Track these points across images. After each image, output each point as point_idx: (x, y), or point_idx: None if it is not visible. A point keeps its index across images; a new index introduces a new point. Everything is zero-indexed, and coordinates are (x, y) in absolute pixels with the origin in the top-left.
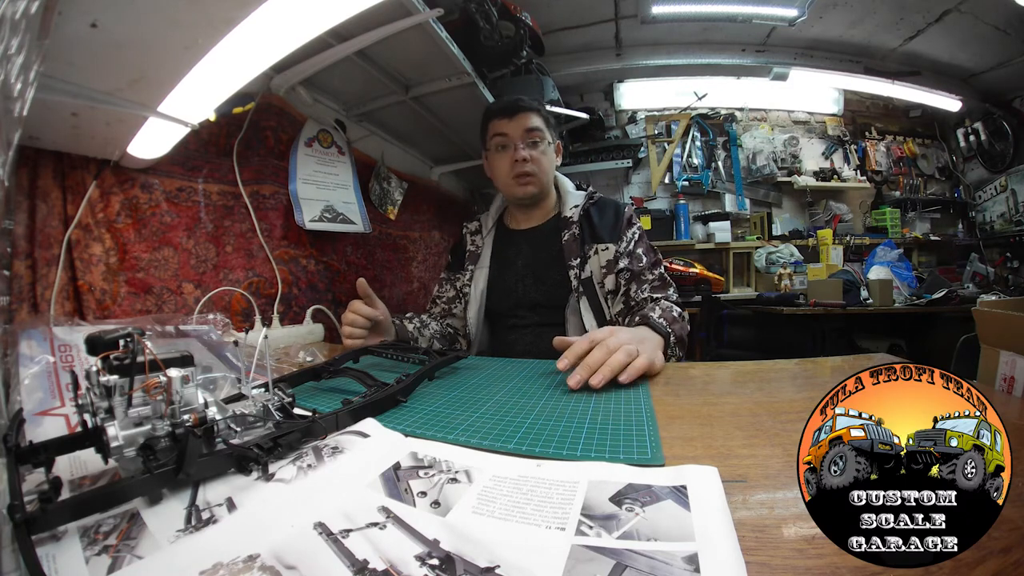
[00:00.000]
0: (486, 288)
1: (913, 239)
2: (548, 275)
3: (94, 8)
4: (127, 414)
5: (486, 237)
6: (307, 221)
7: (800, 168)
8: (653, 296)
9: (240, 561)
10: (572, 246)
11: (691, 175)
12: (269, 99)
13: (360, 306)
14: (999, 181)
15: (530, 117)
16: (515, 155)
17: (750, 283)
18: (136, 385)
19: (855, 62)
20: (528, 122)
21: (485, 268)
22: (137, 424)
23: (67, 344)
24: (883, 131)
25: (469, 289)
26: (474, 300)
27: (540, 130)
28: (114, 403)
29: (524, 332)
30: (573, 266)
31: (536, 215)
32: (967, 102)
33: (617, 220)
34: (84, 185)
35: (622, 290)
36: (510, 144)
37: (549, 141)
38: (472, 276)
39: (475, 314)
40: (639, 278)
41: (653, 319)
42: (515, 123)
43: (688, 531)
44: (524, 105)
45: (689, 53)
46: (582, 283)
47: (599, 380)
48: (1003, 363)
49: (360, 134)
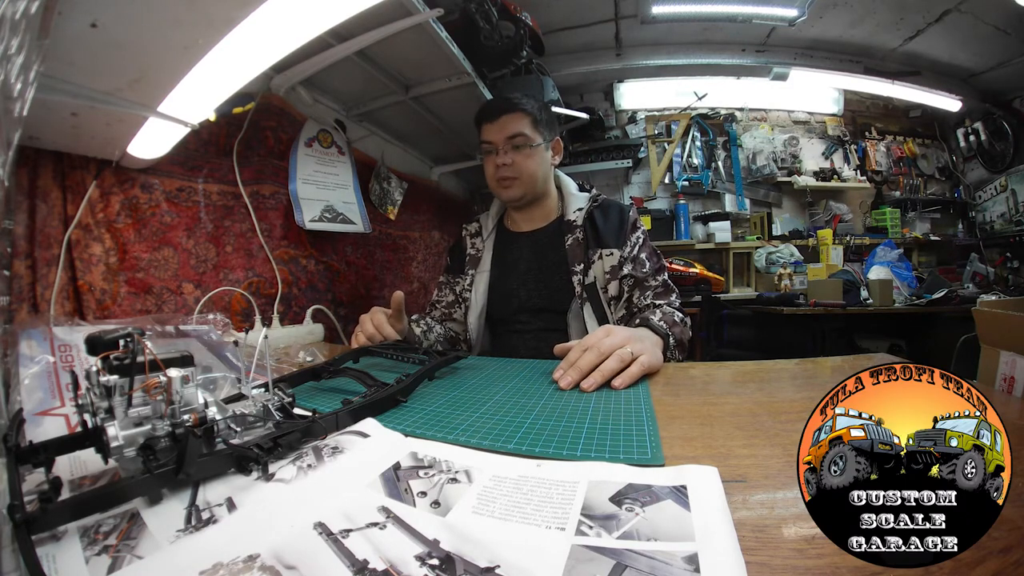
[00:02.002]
0: (487, 292)
1: (913, 239)
2: (551, 279)
3: (94, 8)
4: (127, 414)
5: (487, 240)
6: (307, 221)
7: (800, 168)
8: (656, 303)
9: (240, 561)
10: (576, 251)
11: (691, 175)
12: (269, 99)
13: (385, 325)
14: (999, 181)
15: (514, 119)
16: (496, 160)
17: (750, 283)
18: (136, 385)
19: (855, 62)
20: (511, 126)
21: (486, 272)
22: (137, 424)
23: (67, 344)
24: (883, 131)
25: (469, 294)
26: (475, 305)
27: (523, 134)
28: (114, 403)
29: (527, 337)
30: (576, 271)
31: (537, 217)
32: (967, 102)
33: (622, 224)
34: (84, 185)
35: (625, 296)
36: (493, 150)
37: (537, 142)
38: (472, 281)
39: (476, 319)
40: (642, 284)
41: (653, 321)
42: (497, 127)
43: (688, 531)
44: (508, 106)
45: (689, 53)
46: (585, 289)
47: (590, 385)
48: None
49: (360, 134)
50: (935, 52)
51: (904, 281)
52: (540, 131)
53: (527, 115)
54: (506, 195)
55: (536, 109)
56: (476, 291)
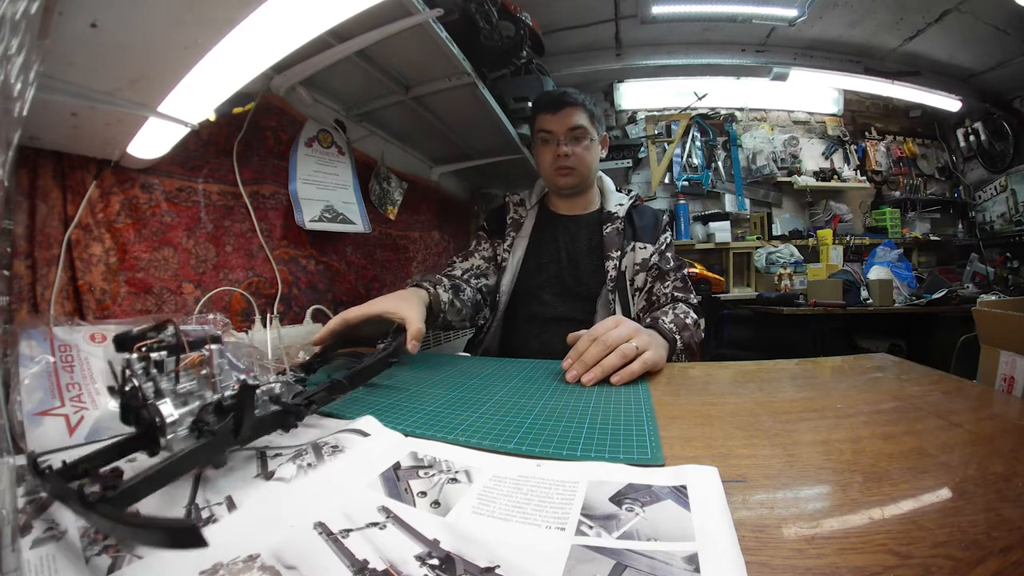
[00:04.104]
0: (523, 258)
1: (913, 239)
2: (582, 261)
3: (94, 8)
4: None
5: (530, 211)
6: (307, 221)
7: (800, 168)
8: (675, 295)
9: (240, 561)
10: (614, 238)
11: (691, 175)
12: (269, 99)
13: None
14: (999, 181)
15: (574, 113)
16: (557, 150)
17: (750, 283)
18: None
19: (855, 62)
20: (572, 119)
21: (526, 239)
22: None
23: (67, 344)
24: (883, 131)
25: (508, 255)
26: (511, 268)
27: (583, 127)
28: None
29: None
30: (613, 257)
31: (578, 205)
32: (967, 102)
33: (656, 224)
34: (84, 185)
35: (647, 287)
36: (552, 140)
37: (593, 137)
38: (513, 243)
39: (509, 283)
40: (664, 276)
41: (663, 323)
42: (559, 119)
43: (688, 531)
44: (569, 100)
45: (689, 53)
46: (618, 276)
47: (589, 380)
48: (1003, 363)
49: (360, 134)
50: (935, 52)
51: (904, 281)
52: (595, 126)
53: (586, 110)
54: (563, 182)
55: (592, 105)
56: (514, 255)
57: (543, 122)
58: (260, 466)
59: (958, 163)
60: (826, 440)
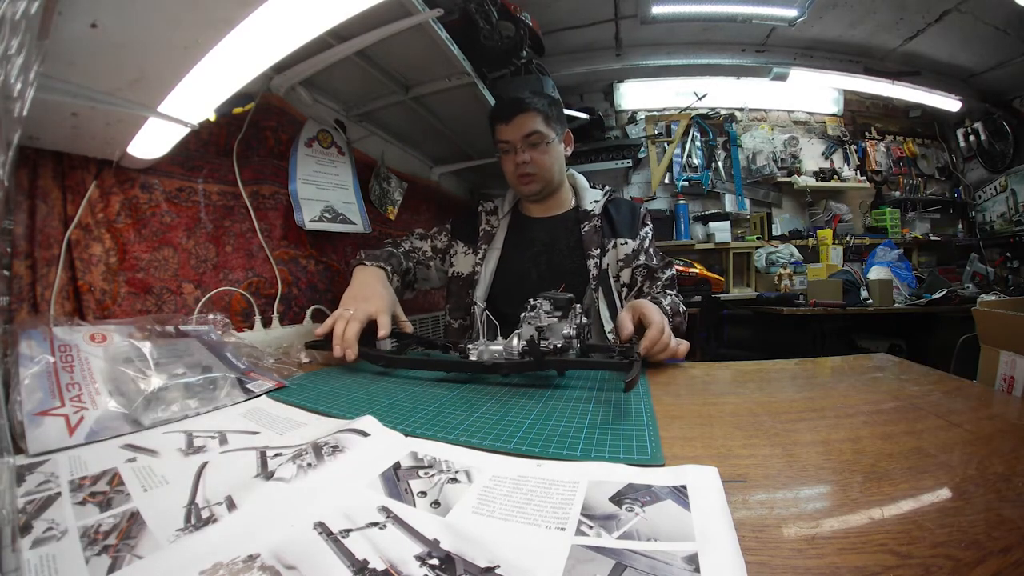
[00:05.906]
0: (495, 271)
1: (913, 239)
2: (563, 262)
3: (94, 8)
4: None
5: (502, 220)
6: (307, 221)
7: (800, 168)
8: (666, 292)
9: (240, 561)
10: (593, 237)
11: (691, 175)
12: (269, 99)
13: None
14: (999, 181)
15: (527, 119)
16: (516, 158)
17: (750, 283)
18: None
19: (855, 62)
20: (525, 126)
21: (497, 250)
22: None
23: (67, 344)
24: (883, 131)
25: (480, 269)
26: (483, 280)
27: (538, 132)
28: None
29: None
30: (593, 255)
31: (552, 206)
32: (967, 102)
33: (634, 218)
34: (84, 185)
35: (637, 286)
36: (511, 148)
37: (551, 138)
38: (484, 256)
39: (483, 294)
40: (654, 276)
41: (663, 304)
42: (513, 127)
43: (688, 531)
44: (521, 106)
45: (689, 53)
46: (600, 273)
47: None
48: (1003, 363)
49: (360, 134)
50: (935, 52)
51: (904, 281)
52: (552, 127)
53: (539, 113)
54: (527, 190)
55: (546, 106)
56: (486, 267)
57: (499, 132)
58: (260, 466)
59: (958, 163)
60: (826, 440)
